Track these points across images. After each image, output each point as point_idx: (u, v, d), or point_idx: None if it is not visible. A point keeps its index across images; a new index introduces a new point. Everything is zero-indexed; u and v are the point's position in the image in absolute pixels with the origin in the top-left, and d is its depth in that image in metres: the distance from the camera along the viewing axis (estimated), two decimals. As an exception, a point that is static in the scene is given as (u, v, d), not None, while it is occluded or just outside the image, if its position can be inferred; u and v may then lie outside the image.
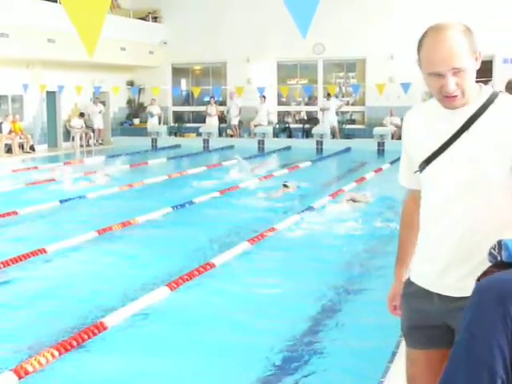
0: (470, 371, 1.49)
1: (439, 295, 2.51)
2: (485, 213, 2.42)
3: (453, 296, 2.44)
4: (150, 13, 26.86)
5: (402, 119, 2.88)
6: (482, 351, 1.48)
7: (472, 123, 2.40)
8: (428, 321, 2.57)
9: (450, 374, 1.54)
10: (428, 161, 2.49)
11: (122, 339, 5.43)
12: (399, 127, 22.16)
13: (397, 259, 2.88)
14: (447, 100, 2.39)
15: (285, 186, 12.96)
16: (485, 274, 1.81)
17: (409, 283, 2.68)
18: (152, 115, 25.99)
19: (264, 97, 24.47)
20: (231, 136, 25.47)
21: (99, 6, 3.27)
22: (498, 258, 1.80)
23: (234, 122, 25.61)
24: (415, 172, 2.61)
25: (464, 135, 2.41)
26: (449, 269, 2.48)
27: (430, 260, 2.54)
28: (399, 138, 18.18)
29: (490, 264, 2.41)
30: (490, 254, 2.33)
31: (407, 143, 2.66)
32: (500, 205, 2.39)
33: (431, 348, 2.60)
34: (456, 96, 2.37)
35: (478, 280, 1.78)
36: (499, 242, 1.84)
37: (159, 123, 26.26)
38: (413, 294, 2.63)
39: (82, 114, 24.59)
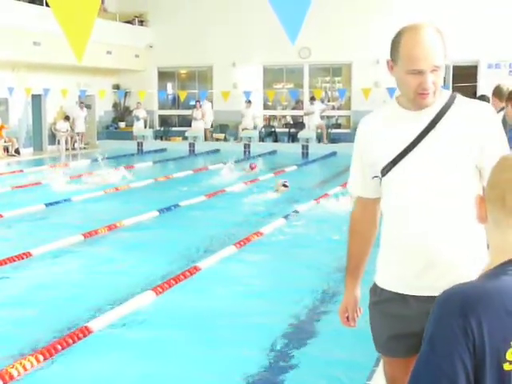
0: None
1: (416, 297, 2.49)
2: (455, 213, 2.43)
3: (431, 296, 2.39)
4: (136, 16, 26.82)
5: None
6: (442, 364, 1.46)
7: (437, 122, 2.43)
8: (408, 327, 2.53)
9: None
10: (394, 162, 2.47)
11: (107, 343, 5.41)
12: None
13: (347, 270, 2.84)
14: (421, 97, 2.41)
15: (284, 185, 13.33)
16: None
17: (377, 290, 2.64)
18: (138, 119, 25.96)
19: (249, 101, 24.49)
20: (217, 140, 25.53)
21: (88, 10, 3.27)
22: None
23: (206, 126, 25.78)
24: (373, 178, 2.58)
25: (430, 134, 2.43)
26: (424, 271, 2.46)
27: (404, 264, 2.51)
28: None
29: (463, 264, 2.43)
30: None
31: (366, 148, 2.60)
32: (468, 204, 2.41)
33: (410, 355, 2.56)
34: (429, 94, 2.40)
35: None
36: None
37: (145, 127, 26.24)
38: (386, 301, 2.59)
39: (67, 118, 24.52)
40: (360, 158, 2.65)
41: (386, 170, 2.51)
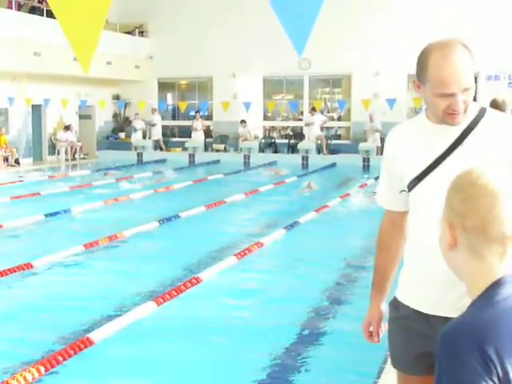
0: None
1: (436, 317, 2.40)
2: None
3: (452, 317, 2.36)
4: (136, 27, 26.90)
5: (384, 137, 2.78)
6: None
7: (465, 138, 2.37)
8: (426, 346, 2.43)
9: None
10: (420, 177, 2.41)
11: (109, 354, 5.39)
12: (380, 131, 22.33)
13: (373, 284, 2.76)
14: (451, 117, 2.33)
15: (309, 186, 15.22)
16: None
17: (399, 306, 2.56)
18: (135, 130, 25.96)
19: (244, 121, 24.59)
20: (217, 150, 25.56)
21: (95, 21, 3.28)
22: None
23: (157, 137, 25.98)
24: (401, 192, 2.51)
25: (457, 150, 2.37)
26: (448, 290, 2.36)
27: (425, 283, 2.44)
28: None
29: None
30: None
31: (393, 161, 2.53)
32: None
33: (427, 374, 2.49)
34: (459, 114, 2.32)
35: None
36: None
37: (144, 137, 26.25)
38: (405, 317, 2.52)
39: (67, 128, 24.54)
40: (387, 170, 2.60)
41: (411, 186, 2.45)
